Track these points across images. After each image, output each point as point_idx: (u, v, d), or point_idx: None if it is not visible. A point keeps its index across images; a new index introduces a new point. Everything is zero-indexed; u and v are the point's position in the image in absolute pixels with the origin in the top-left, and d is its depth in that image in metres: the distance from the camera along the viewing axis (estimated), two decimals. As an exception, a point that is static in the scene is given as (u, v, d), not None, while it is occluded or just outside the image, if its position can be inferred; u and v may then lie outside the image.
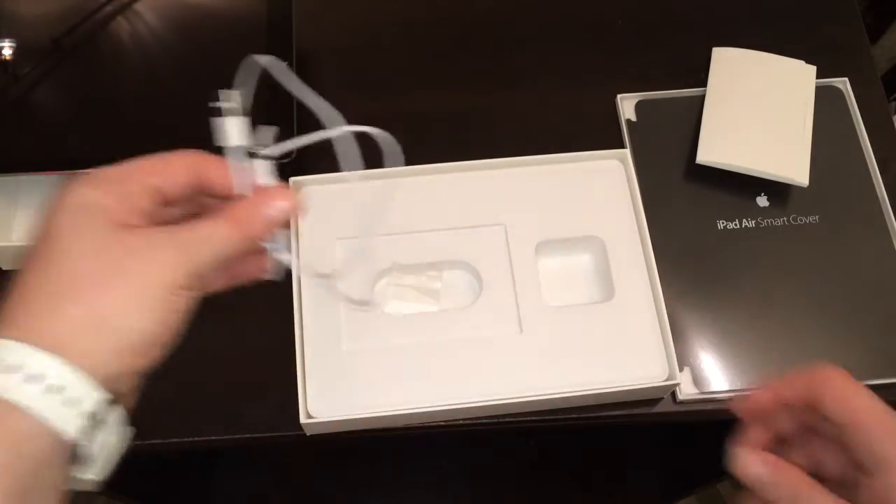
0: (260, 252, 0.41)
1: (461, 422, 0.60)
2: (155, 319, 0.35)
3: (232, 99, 0.40)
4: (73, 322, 0.33)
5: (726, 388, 0.62)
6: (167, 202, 0.38)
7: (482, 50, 0.73)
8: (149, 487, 1.00)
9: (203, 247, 0.36)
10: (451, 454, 1.25)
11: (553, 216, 0.64)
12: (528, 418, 0.62)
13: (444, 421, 0.60)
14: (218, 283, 0.41)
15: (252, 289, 0.64)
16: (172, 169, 0.38)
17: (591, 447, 1.27)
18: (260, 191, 0.40)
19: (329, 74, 0.75)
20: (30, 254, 0.35)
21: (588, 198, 0.65)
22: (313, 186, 0.65)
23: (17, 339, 0.32)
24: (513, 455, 1.27)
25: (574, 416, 0.62)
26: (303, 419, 0.57)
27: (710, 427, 1.07)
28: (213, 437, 0.60)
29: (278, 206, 0.39)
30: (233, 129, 0.40)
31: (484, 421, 0.60)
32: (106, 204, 0.36)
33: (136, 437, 0.52)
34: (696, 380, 0.62)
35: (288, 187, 0.42)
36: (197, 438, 0.60)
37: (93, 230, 0.35)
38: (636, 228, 0.64)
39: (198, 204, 0.40)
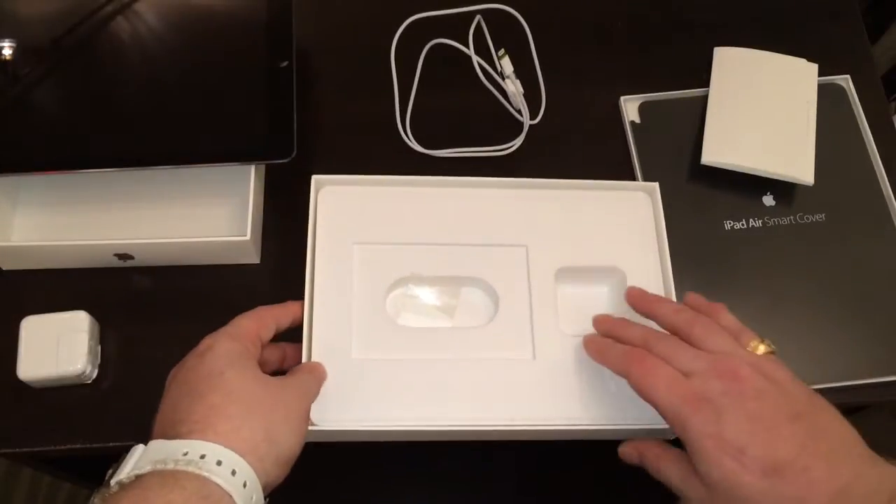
0: None
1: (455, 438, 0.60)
2: (298, 439, 0.47)
3: None
4: (255, 434, 0.44)
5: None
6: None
7: (483, 50, 0.72)
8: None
9: (312, 386, 0.52)
10: (452, 455, 1.24)
11: (576, 243, 0.62)
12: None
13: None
14: None
15: (261, 294, 0.64)
16: (266, 322, 0.52)
17: (592, 447, 1.26)
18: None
19: (329, 74, 0.75)
20: (203, 383, 0.46)
21: (613, 228, 0.63)
22: (332, 187, 0.62)
23: (218, 442, 0.42)
24: (513, 455, 1.27)
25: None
26: None
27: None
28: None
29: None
30: None
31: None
32: (247, 352, 0.49)
33: (140, 439, 0.51)
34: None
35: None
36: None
37: (247, 368, 0.47)
38: (658, 263, 0.61)
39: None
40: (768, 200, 0.68)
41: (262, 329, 0.52)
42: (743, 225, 0.67)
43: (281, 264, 0.66)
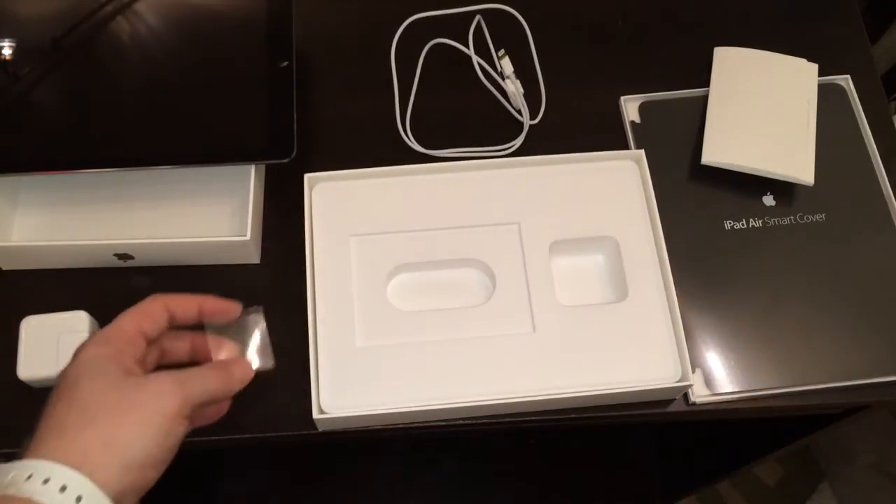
0: (225, 401, 0.53)
1: (461, 422, 0.60)
2: (157, 442, 0.44)
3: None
4: (90, 443, 0.42)
5: (738, 388, 0.62)
6: (150, 342, 0.49)
7: (483, 50, 0.72)
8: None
9: (197, 383, 0.47)
10: (451, 454, 1.25)
11: (567, 216, 0.64)
12: (529, 418, 0.61)
13: (453, 419, 0.60)
14: (196, 422, 0.51)
15: (261, 294, 0.64)
16: (152, 314, 0.49)
17: (592, 447, 1.27)
18: (236, 357, 0.53)
19: (329, 74, 0.75)
20: (55, 395, 0.45)
21: (603, 198, 0.65)
22: (327, 183, 0.65)
23: (48, 458, 0.41)
24: (513, 455, 1.27)
25: (574, 416, 0.61)
26: (315, 414, 0.57)
27: (711, 427, 1.08)
28: (214, 437, 0.60)
29: (247, 371, 0.52)
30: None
31: (484, 421, 0.60)
32: (113, 355, 0.46)
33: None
34: (708, 381, 0.62)
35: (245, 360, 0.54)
36: (200, 438, 0.60)
37: (106, 374, 0.45)
38: (650, 229, 0.64)
39: (159, 347, 0.51)
40: (768, 200, 0.68)
41: (145, 322, 0.49)
42: (743, 225, 0.67)
43: (281, 264, 0.66)
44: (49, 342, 0.59)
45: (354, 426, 0.59)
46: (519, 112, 0.72)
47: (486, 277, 0.63)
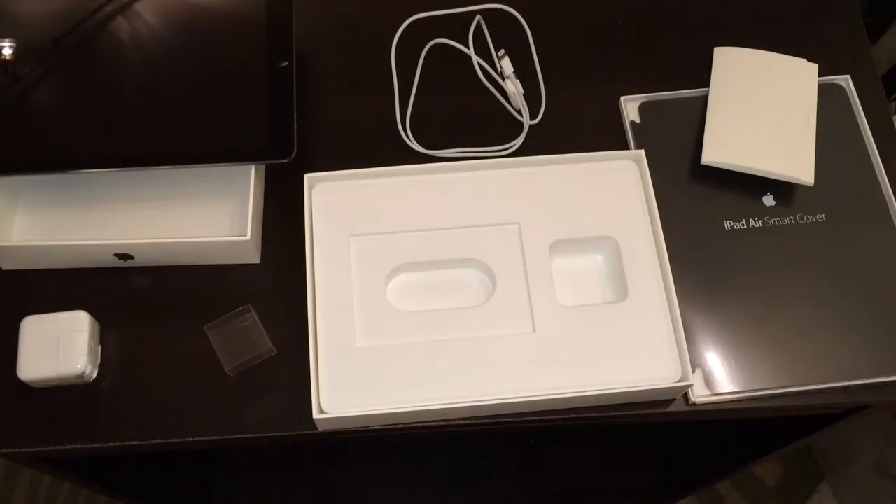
0: None
1: (461, 422, 0.60)
2: None
3: None
4: None
5: (738, 388, 0.62)
6: None
7: (483, 50, 0.72)
8: (149, 487, 0.99)
9: None
10: (450, 455, 1.25)
11: (567, 216, 0.64)
12: (529, 418, 0.62)
13: (453, 419, 0.60)
14: None
15: (261, 294, 0.64)
16: None
17: (592, 447, 1.27)
18: None
19: (329, 74, 0.75)
20: None
21: (603, 198, 0.65)
22: (327, 183, 0.65)
23: None
24: (513, 455, 1.27)
25: (574, 416, 0.61)
26: (315, 415, 0.57)
27: (711, 427, 1.07)
28: (214, 437, 0.60)
29: None
30: None
31: (484, 421, 0.60)
32: None
33: (139, 436, 0.51)
34: (708, 381, 0.62)
35: None
36: (200, 438, 0.60)
37: None
38: (650, 229, 0.64)
39: None
40: (768, 200, 0.68)
41: None
42: (743, 225, 0.67)
43: (281, 264, 0.66)
44: (49, 342, 0.59)
45: (354, 426, 0.59)
46: (519, 112, 0.72)
47: (486, 277, 0.64)
